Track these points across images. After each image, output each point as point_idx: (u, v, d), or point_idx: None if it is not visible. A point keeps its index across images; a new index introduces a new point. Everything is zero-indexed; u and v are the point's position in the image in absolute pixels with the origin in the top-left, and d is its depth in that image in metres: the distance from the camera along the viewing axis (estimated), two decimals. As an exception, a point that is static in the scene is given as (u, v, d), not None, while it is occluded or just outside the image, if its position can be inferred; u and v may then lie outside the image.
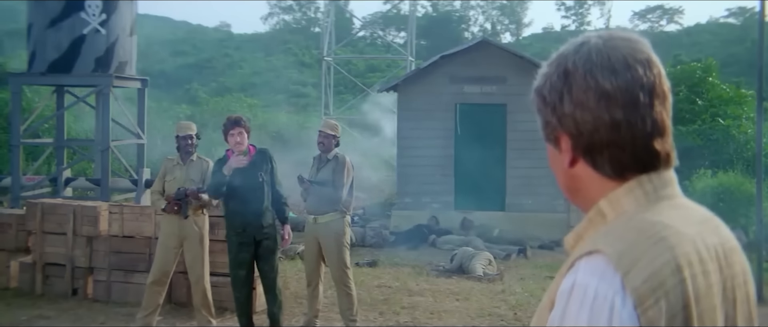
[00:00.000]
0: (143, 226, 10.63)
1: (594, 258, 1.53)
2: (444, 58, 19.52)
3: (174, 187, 9.17)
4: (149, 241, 10.55)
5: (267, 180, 8.67)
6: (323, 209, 9.15)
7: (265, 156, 8.77)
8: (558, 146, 1.69)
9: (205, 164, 9.35)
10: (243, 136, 8.64)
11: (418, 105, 19.42)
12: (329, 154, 9.29)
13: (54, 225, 10.97)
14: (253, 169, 8.59)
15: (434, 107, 19.31)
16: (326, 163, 9.26)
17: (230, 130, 8.65)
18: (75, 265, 10.92)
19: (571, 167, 1.67)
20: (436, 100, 19.30)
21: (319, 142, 9.30)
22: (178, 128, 9.50)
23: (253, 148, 8.77)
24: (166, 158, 9.55)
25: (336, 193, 9.14)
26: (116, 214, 10.77)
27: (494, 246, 16.20)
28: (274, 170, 8.79)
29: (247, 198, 8.55)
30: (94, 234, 10.78)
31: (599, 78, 1.60)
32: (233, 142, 8.59)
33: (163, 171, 9.41)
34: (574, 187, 1.70)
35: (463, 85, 19.31)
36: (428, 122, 19.27)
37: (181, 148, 9.36)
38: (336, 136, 9.37)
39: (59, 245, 10.95)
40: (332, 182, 9.16)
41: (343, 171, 9.20)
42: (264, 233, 8.67)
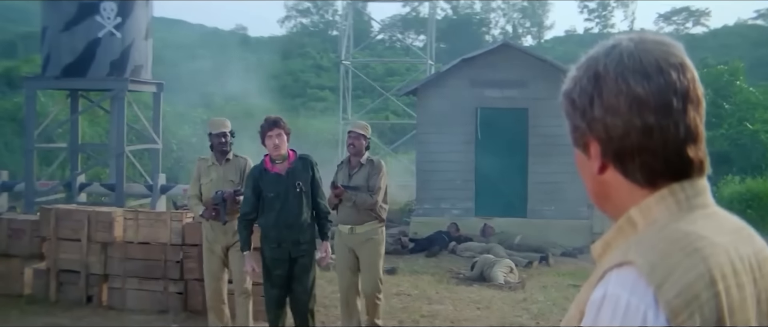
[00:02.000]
0: (159, 232, 10.62)
1: (625, 269, 1.51)
2: (464, 62, 19.50)
3: (211, 189, 8.68)
4: (165, 248, 10.55)
5: (307, 191, 8.03)
6: (361, 218, 8.69)
7: (307, 163, 8.10)
8: (587, 152, 1.67)
9: (243, 162, 8.85)
10: (282, 138, 7.97)
11: (437, 109, 19.40)
12: (361, 157, 8.83)
13: (68, 231, 11.00)
14: (291, 177, 7.98)
15: (454, 111, 19.28)
16: (359, 167, 8.82)
17: (268, 132, 7.96)
18: (89, 272, 10.94)
19: (600, 174, 1.65)
20: (457, 105, 19.27)
21: (349, 144, 8.85)
22: (210, 125, 9.03)
23: (292, 154, 8.14)
24: (198, 158, 9.16)
25: (371, 199, 8.69)
26: (131, 220, 10.78)
27: (516, 253, 16.14)
28: (315, 180, 8.13)
29: (283, 210, 7.96)
30: (109, 240, 10.79)
31: (631, 82, 1.58)
32: (271, 146, 7.94)
33: (197, 172, 8.95)
34: (603, 194, 1.68)
35: (484, 89, 19.27)
36: (448, 127, 19.25)
37: (215, 147, 8.87)
38: (367, 137, 8.91)
39: (73, 252, 10.97)
40: (367, 188, 8.72)
41: (379, 175, 8.76)
42: (301, 250, 8.06)
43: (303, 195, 7.99)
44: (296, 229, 7.98)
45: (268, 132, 7.96)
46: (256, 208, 8.00)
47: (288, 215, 7.95)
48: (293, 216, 7.96)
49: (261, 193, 7.98)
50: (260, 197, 7.99)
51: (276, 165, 7.99)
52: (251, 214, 8.01)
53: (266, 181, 7.96)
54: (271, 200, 7.93)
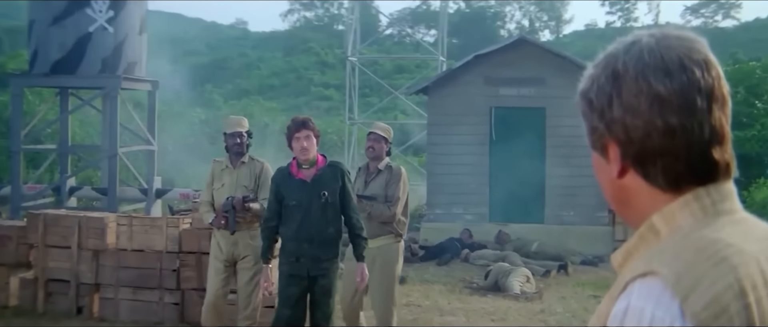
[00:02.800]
0: (154, 239, 10.63)
1: (649, 280, 1.50)
2: (478, 58, 19.49)
3: (223, 196, 8.42)
4: (160, 256, 10.56)
5: (333, 202, 7.52)
6: (374, 231, 8.21)
7: (336, 171, 7.64)
8: (605, 155, 1.67)
9: (259, 166, 8.62)
10: (311, 140, 7.53)
11: (449, 109, 19.39)
12: (380, 163, 8.50)
13: (57, 238, 11.00)
14: (316, 185, 7.52)
15: (467, 111, 19.27)
16: (377, 174, 8.47)
17: (295, 134, 7.54)
18: (80, 281, 10.95)
19: (619, 178, 1.65)
20: (470, 104, 19.26)
21: (369, 147, 8.56)
22: (226, 124, 8.82)
23: (322, 159, 7.71)
24: (213, 161, 8.91)
25: (388, 211, 8.30)
26: (125, 227, 10.79)
27: (532, 261, 16.14)
28: (346, 190, 7.62)
29: (304, 221, 7.49)
30: (100, 248, 10.80)
31: (652, 80, 1.58)
32: (299, 148, 7.52)
33: (210, 176, 8.73)
34: (622, 199, 1.68)
35: (499, 87, 19.27)
36: (461, 127, 19.24)
37: (229, 149, 8.63)
38: (389, 140, 8.60)
39: (63, 260, 10.97)
40: (385, 198, 8.35)
41: (398, 184, 8.39)
42: (321, 268, 7.52)
43: (328, 206, 7.50)
44: (317, 244, 7.47)
45: (295, 133, 7.54)
46: (278, 216, 7.62)
47: (309, 227, 7.45)
48: (315, 229, 7.46)
49: (283, 200, 7.59)
50: (283, 205, 7.60)
51: (302, 170, 7.59)
52: (272, 222, 7.65)
53: (289, 187, 7.56)
54: (293, 209, 7.52)
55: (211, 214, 8.53)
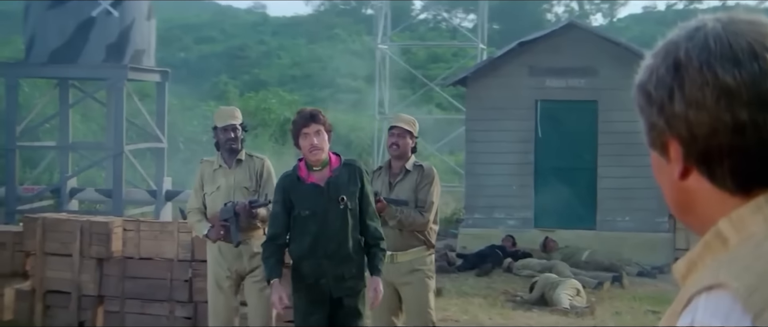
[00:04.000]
0: (164, 245, 10.64)
1: (716, 294, 1.49)
2: (522, 46, 19.46)
3: (219, 200, 7.98)
4: (171, 264, 10.56)
5: (353, 208, 6.99)
6: (405, 243, 7.83)
7: (354, 171, 7.08)
8: (665, 154, 1.66)
9: (259, 163, 8.23)
10: (322, 137, 6.94)
11: (490, 102, 19.38)
12: (406, 161, 8.03)
13: (57, 244, 11.03)
14: (332, 189, 6.95)
15: (510, 105, 19.26)
16: (404, 174, 8.01)
17: (303, 129, 6.94)
18: (82, 292, 10.98)
19: (682, 179, 1.64)
20: (513, 96, 19.24)
21: (392, 144, 8.07)
22: (216, 116, 8.38)
23: (335, 159, 7.14)
24: (202, 161, 8.51)
25: (421, 218, 7.84)
26: (132, 232, 10.82)
27: (583, 272, 16.09)
28: (365, 194, 7.10)
29: (321, 233, 6.93)
30: (105, 255, 10.83)
31: (719, 70, 1.57)
32: (307, 147, 6.92)
33: (199, 180, 8.29)
34: (685, 203, 1.67)
35: (545, 77, 19.23)
36: (503, 122, 19.23)
37: (222, 145, 8.20)
38: (414, 135, 8.12)
39: (63, 269, 11.01)
40: (415, 202, 7.89)
41: (430, 187, 7.94)
42: (345, 288, 7.01)
43: (348, 213, 6.94)
44: (339, 259, 6.93)
45: (303, 128, 6.94)
46: (287, 229, 7.06)
47: (328, 241, 6.90)
48: (335, 242, 6.92)
49: (292, 209, 7.00)
50: (292, 215, 7.01)
51: (313, 173, 7.00)
52: (281, 238, 7.09)
53: (300, 194, 6.97)
54: (306, 220, 6.94)
55: (204, 223, 8.03)
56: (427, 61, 52.77)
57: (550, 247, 17.94)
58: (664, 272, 16.78)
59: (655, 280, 16.56)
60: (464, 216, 20.19)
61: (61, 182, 20.38)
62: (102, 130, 26.16)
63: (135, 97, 19.96)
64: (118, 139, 18.85)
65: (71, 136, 21.68)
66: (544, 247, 18.01)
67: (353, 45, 59.66)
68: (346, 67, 54.55)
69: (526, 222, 19.18)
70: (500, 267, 17.03)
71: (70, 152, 21.54)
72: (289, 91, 45.44)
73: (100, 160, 21.60)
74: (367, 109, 37.19)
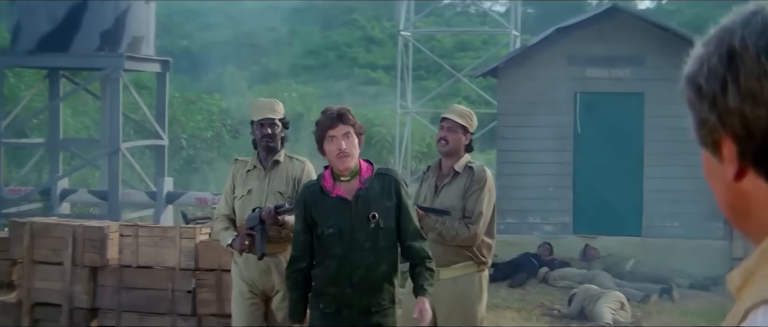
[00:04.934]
0: (164, 252, 10.63)
1: (776, 307, 1.50)
2: (560, 32, 19.43)
3: (248, 207, 7.64)
4: (173, 274, 10.55)
5: (387, 227, 6.47)
6: (447, 257, 7.32)
7: (389, 183, 6.54)
8: (718, 153, 1.66)
9: (299, 167, 7.84)
10: (352, 140, 6.43)
11: (524, 95, 19.37)
12: (457, 161, 7.56)
13: (46, 252, 11.05)
14: (362, 204, 6.42)
15: (546, 98, 19.25)
16: (452, 177, 7.54)
17: (329, 131, 6.41)
18: (74, 305, 10.99)
19: (736, 181, 1.64)
20: (549, 88, 19.23)
21: (440, 138, 7.58)
22: (253, 109, 7.97)
23: (367, 167, 6.61)
24: (235, 160, 8.20)
25: (466, 230, 7.35)
26: (129, 238, 10.80)
27: (627, 284, 16.04)
28: (404, 209, 6.54)
29: (348, 256, 6.41)
30: (99, 264, 10.85)
31: (779, 60, 1.57)
32: (335, 152, 6.39)
33: (230, 181, 8.01)
34: (740, 207, 1.67)
35: (586, 67, 19.20)
36: (538, 117, 19.21)
37: (258, 143, 7.85)
38: (469, 129, 7.64)
39: (53, 278, 11.02)
40: (463, 211, 7.43)
41: (481, 193, 7.47)
42: (371, 323, 6.49)
43: (380, 233, 6.44)
44: (366, 288, 6.43)
45: (328, 131, 6.42)
46: (310, 252, 6.60)
47: (355, 266, 6.40)
48: (362, 267, 6.40)
49: (315, 227, 6.53)
50: (315, 234, 6.55)
51: (340, 184, 6.50)
52: (303, 261, 6.63)
53: (323, 208, 6.49)
54: (329, 240, 6.46)
55: (230, 232, 7.74)
56: (454, 49, 52.77)
57: (591, 255, 17.90)
58: (718, 284, 16.69)
59: (708, 293, 16.48)
60: (495, 221, 20.14)
61: (50, 183, 20.42)
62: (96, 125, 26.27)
63: (132, 89, 20.00)
64: (113, 136, 18.89)
65: (62, 132, 21.74)
66: (584, 255, 17.97)
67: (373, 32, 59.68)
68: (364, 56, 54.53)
69: (563, 227, 19.17)
70: (535, 277, 16.99)
71: (61, 150, 21.59)
72: (303, 82, 45.44)
73: (94, 159, 21.65)
74: (387, 103, 37.18)
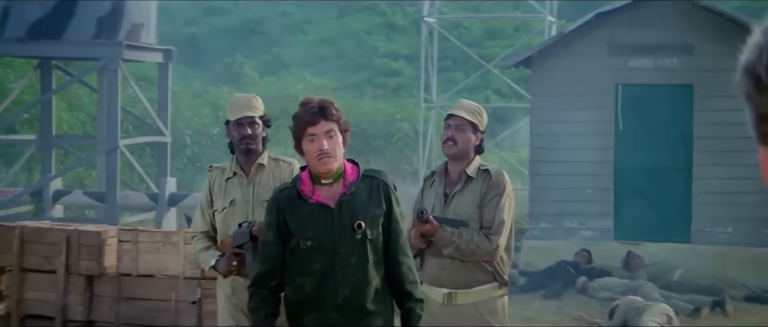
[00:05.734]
0: (167, 260, 10.64)
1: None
2: (600, 18, 19.38)
3: (232, 221, 7.17)
4: (176, 283, 10.54)
5: (375, 238, 5.94)
6: (468, 277, 6.90)
7: (377, 187, 6.02)
8: (779, 151, 1.65)
9: (287, 169, 7.35)
10: (335, 140, 5.85)
11: (561, 87, 19.34)
12: (468, 165, 7.05)
13: (38, 259, 11.05)
14: (346, 212, 5.89)
15: (585, 90, 19.21)
16: (464, 183, 7.02)
17: (309, 128, 5.85)
18: (68, 317, 10.99)
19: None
20: (589, 80, 19.19)
21: (447, 139, 7.04)
22: (229, 107, 7.49)
23: (351, 168, 6.05)
24: (211, 168, 7.69)
25: (488, 243, 6.83)
26: (128, 244, 10.81)
27: (675, 295, 16.02)
28: (394, 219, 6.01)
29: (329, 274, 5.87)
30: (96, 272, 10.84)
31: None
32: (315, 152, 5.82)
33: (207, 194, 7.53)
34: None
35: (629, 56, 19.14)
36: (576, 112, 19.18)
37: (236, 145, 7.37)
38: (479, 127, 7.10)
39: (45, 288, 11.01)
40: (480, 221, 6.91)
41: (499, 200, 6.94)
42: None
43: (368, 246, 5.90)
44: (354, 311, 5.92)
45: (308, 128, 5.86)
46: (280, 268, 6.02)
47: (339, 284, 5.86)
48: (349, 286, 5.88)
49: (289, 238, 5.97)
50: (288, 247, 5.99)
51: (320, 188, 5.96)
52: (273, 278, 6.03)
53: (300, 216, 5.94)
54: (308, 254, 5.90)
55: (212, 252, 7.28)
56: (483, 37, 52.66)
57: (635, 263, 17.86)
58: (778, 296, 16.69)
59: (766, 306, 16.45)
60: (529, 225, 20.11)
61: (42, 183, 20.49)
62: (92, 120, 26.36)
63: (132, 81, 20.03)
64: (111, 132, 18.92)
65: (55, 127, 21.79)
66: (627, 263, 17.93)
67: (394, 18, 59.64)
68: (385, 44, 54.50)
69: (604, 233, 19.12)
70: (573, 287, 17.00)
71: (54, 147, 21.64)
72: (317, 73, 45.41)
73: (90, 157, 21.72)
74: (410, 96, 37.20)
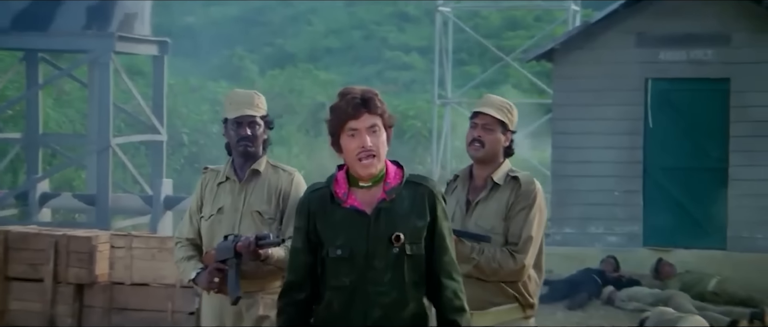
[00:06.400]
0: (163, 267, 10.64)
1: None
2: (628, 7, 19.34)
3: (218, 231, 6.89)
4: (172, 292, 10.57)
5: (416, 254, 5.40)
6: (489, 297, 6.54)
7: (422, 197, 5.47)
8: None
9: (286, 179, 6.99)
10: (378, 135, 5.34)
11: (585, 82, 19.32)
12: (495, 170, 6.68)
13: (24, 266, 11.04)
14: (385, 221, 5.38)
15: (612, 85, 19.19)
16: (490, 190, 6.65)
17: (349, 121, 5.30)
18: (57, 327, 11.04)
19: None
20: (615, 74, 19.16)
21: (473, 141, 6.67)
22: (228, 104, 7.03)
23: (396, 172, 5.50)
24: (204, 170, 7.27)
25: (512, 262, 6.49)
26: (121, 250, 10.82)
27: (710, 306, 15.98)
28: (439, 232, 5.47)
29: (361, 289, 5.38)
30: (86, 280, 10.84)
31: None
32: (357, 149, 5.30)
33: (197, 197, 7.23)
34: None
35: (659, 48, 19.09)
36: (602, 109, 19.18)
37: (233, 146, 6.99)
38: (509, 126, 6.75)
39: (32, 298, 11.01)
40: (505, 235, 6.55)
41: (528, 212, 6.56)
42: None
43: (405, 262, 5.40)
44: None
45: (348, 121, 5.32)
46: (310, 278, 5.54)
47: (371, 303, 5.38)
48: (381, 306, 5.39)
49: (320, 246, 5.49)
50: (319, 256, 5.51)
51: (357, 191, 5.47)
52: (300, 291, 5.55)
53: (332, 222, 5.46)
54: (337, 265, 5.43)
55: (194, 263, 7.00)
56: (501, 27, 52.66)
57: (666, 272, 17.80)
58: (821, 308, 16.65)
59: (808, 318, 16.43)
60: (551, 230, 20.06)
61: (28, 185, 20.50)
62: (82, 118, 26.36)
63: (124, 75, 20.03)
64: (102, 130, 18.92)
65: (42, 125, 21.80)
66: (657, 272, 17.88)
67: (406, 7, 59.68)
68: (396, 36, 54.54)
69: (632, 238, 19.10)
70: (598, 298, 16.96)
71: (41, 146, 21.65)
72: (323, 67, 45.46)
73: (80, 157, 21.71)
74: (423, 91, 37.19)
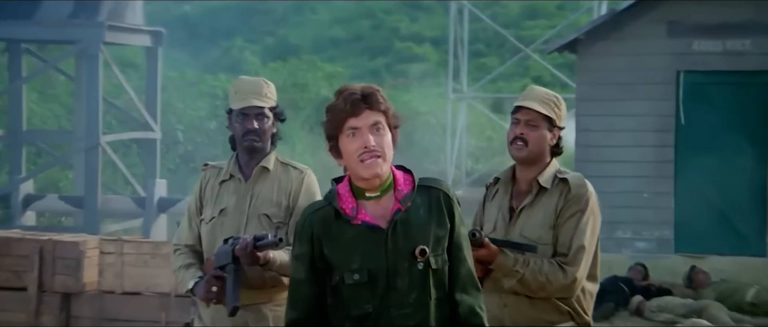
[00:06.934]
0: (156, 274, 10.67)
1: None
2: (657, -5, 19.32)
3: (219, 234, 6.63)
4: (166, 301, 10.56)
5: (440, 268, 5.05)
6: (532, 314, 6.24)
7: (438, 202, 5.13)
8: None
9: (297, 177, 6.73)
10: (382, 135, 4.98)
11: (611, 75, 19.29)
12: (541, 172, 6.32)
13: (7, 274, 11.07)
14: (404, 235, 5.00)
15: (640, 78, 19.16)
16: (536, 195, 6.30)
17: (349, 119, 4.96)
18: (42, 340, 10.99)
19: None
20: (644, 67, 19.13)
21: (516, 138, 6.26)
22: (233, 93, 6.80)
23: (405, 179, 5.12)
24: (204, 167, 7.04)
25: (562, 276, 6.14)
26: (111, 256, 10.82)
27: (748, 318, 15.95)
28: (457, 241, 5.12)
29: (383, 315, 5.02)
30: (74, 289, 10.85)
31: None
32: (357, 150, 4.94)
33: (196, 198, 6.95)
34: None
35: (692, 39, 19.04)
36: (629, 103, 19.15)
37: (239, 141, 6.73)
38: (557, 122, 6.33)
39: (15, 307, 11.04)
40: (554, 246, 6.23)
41: (580, 218, 6.27)
42: None
43: (430, 278, 5.05)
44: None
45: (347, 119, 4.99)
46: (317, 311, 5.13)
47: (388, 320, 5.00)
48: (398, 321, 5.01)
49: (329, 274, 5.09)
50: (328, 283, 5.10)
51: (366, 203, 5.08)
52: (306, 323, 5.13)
53: (342, 244, 5.07)
54: (356, 292, 5.05)
55: (193, 271, 6.74)
56: (521, 16, 52.68)
57: (699, 280, 17.73)
58: None
59: None
60: (575, 235, 20.03)
61: (10, 186, 20.46)
62: (69, 113, 26.29)
63: (115, 67, 19.96)
64: (91, 127, 18.87)
65: (25, 121, 21.76)
66: (690, 280, 17.81)
67: (418, -4, 59.76)
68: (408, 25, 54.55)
69: (662, 244, 19.06)
70: (626, 308, 16.91)
71: (24, 144, 21.61)
72: (329, 59, 45.47)
73: (67, 156, 21.66)
74: (436, 85, 37.17)
